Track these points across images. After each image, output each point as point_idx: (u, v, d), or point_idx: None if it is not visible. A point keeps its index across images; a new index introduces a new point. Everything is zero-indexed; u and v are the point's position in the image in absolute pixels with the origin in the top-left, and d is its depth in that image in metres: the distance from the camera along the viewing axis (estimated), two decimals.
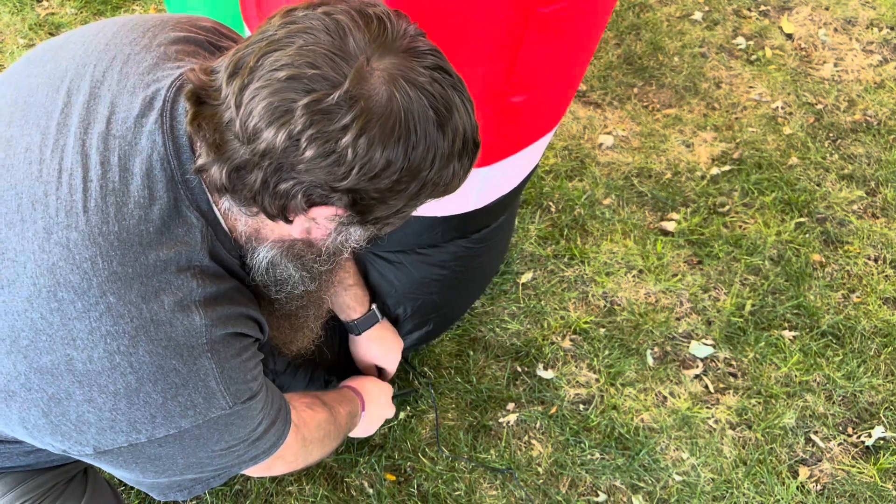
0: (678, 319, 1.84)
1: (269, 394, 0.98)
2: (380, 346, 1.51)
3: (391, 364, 1.55)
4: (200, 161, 0.78)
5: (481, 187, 1.38)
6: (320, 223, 0.83)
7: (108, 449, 0.84)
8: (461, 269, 1.56)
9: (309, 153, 0.71)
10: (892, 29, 2.64)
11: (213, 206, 0.84)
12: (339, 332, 1.54)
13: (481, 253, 1.58)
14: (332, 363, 1.57)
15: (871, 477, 1.60)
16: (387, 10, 0.77)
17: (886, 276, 1.95)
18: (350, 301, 1.46)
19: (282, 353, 1.21)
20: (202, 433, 0.86)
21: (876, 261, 1.99)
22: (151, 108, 0.83)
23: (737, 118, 2.33)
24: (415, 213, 1.41)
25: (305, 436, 1.12)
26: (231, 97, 0.73)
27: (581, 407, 1.69)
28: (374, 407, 1.42)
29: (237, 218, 0.85)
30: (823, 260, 1.97)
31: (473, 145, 0.81)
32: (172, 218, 0.81)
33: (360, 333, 1.49)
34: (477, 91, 1.17)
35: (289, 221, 0.81)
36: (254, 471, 1.06)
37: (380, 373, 1.56)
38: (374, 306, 1.49)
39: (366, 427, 1.42)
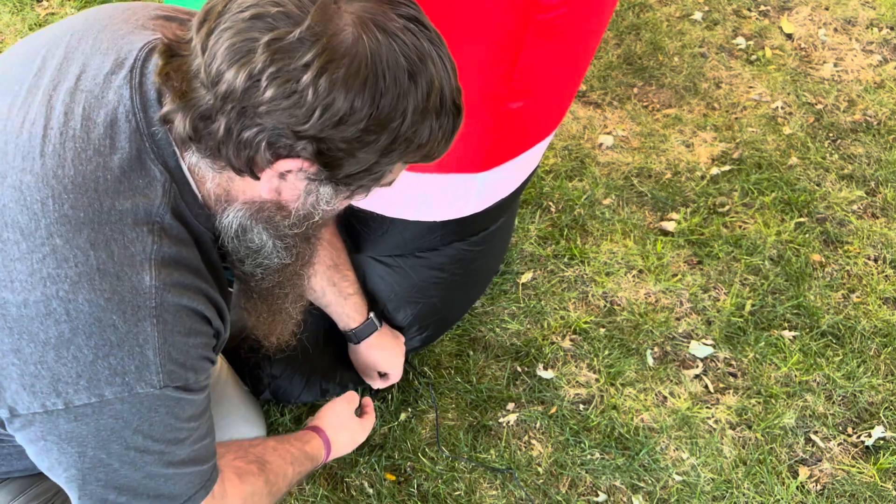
0: (678, 319, 1.84)
1: (208, 424, 0.91)
2: (380, 352, 1.51)
3: (395, 368, 1.55)
4: (165, 108, 0.76)
5: (480, 191, 1.38)
6: (289, 181, 0.80)
7: (22, 414, 0.79)
8: (460, 272, 1.56)
9: (269, 93, 0.69)
10: (891, 29, 2.64)
11: (181, 161, 0.81)
12: (334, 339, 1.54)
13: (480, 255, 1.58)
14: (328, 369, 1.57)
15: (871, 477, 1.60)
16: None
17: (886, 276, 1.95)
18: (349, 310, 1.45)
19: (265, 348, 1.18)
20: (122, 413, 0.79)
21: (876, 261, 1.99)
22: (122, 66, 0.81)
23: (737, 118, 2.33)
24: (411, 218, 1.41)
25: None
26: (198, 44, 0.72)
27: (581, 407, 1.69)
28: (340, 435, 1.34)
29: (205, 175, 0.81)
30: (823, 260, 1.98)
31: (453, 106, 0.78)
32: (133, 169, 0.78)
33: (359, 342, 1.48)
34: (476, 97, 1.17)
35: (256, 177, 0.78)
36: None
37: (382, 377, 1.57)
38: (372, 314, 1.48)
39: (340, 452, 1.35)
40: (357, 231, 1.46)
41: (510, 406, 1.69)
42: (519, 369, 1.74)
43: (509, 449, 1.62)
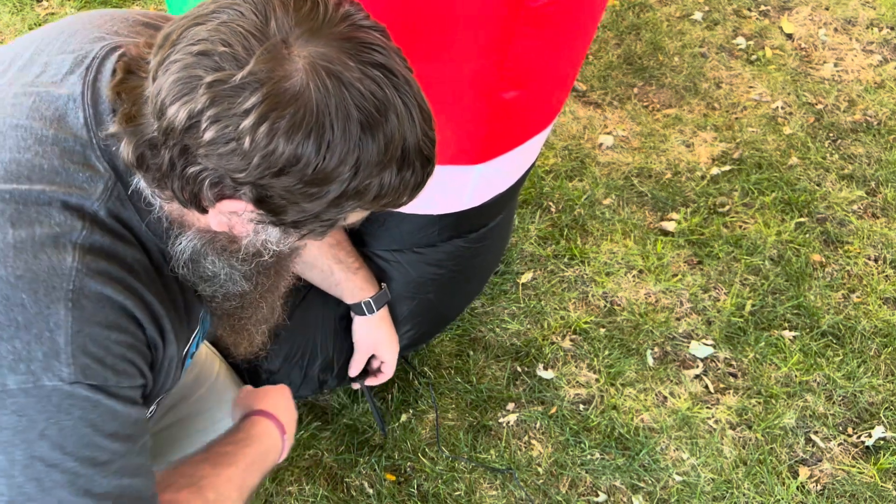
0: (678, 319, 1.84)
1: (142, 460, 0.80)
2: (388, 330, 1.50)
3: (393, 355, 1.54)
4: (112, 129, 0.72)
5: (476, 184, 1.37)
6: (239, 218, 0.75)
7: None
8: (458, 269, 1.56)
9: (208, 135, 0.65)
10: (892, 29, 2.64)
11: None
12: (333, 332, 1.54)
13: (478, 252, 1.58)
14: (327, 363, 1.57)
15: (872, 477, 1.60)
16: None
17: (886, 276, 1.95)
18: (360, 283, 1.43)
19: (232, 355, 1.15)
20: (27, 409, 0.70)
21: (876, 261, 1.99)
22: (80, 64, 0.79)
23: (737, 118, 2.33)
24: (408, 211, 1.41)
25: None
26: (152, 70, 0.68)
27: (581, 407, 1.69)
28: (290, 420, 1.16)
29: (153, 203, 0.77)
30: (823, 260, 1.97)
31: (418, 156, 0.72)
32: (75, 162, 0.75)
33: (375, 311, 1.46)
34: (468, 86, 1.16)
35: (203, 211, 0.74)
36: None
37: (376, 372, 1.56)
38: (383, 285, 1.48)
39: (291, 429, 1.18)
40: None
41: (510, 406, 1.69)
42: (519, 369, 1.74)
43: (509, 449, 1.62)
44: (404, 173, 0.72)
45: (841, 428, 1.68)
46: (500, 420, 1.66)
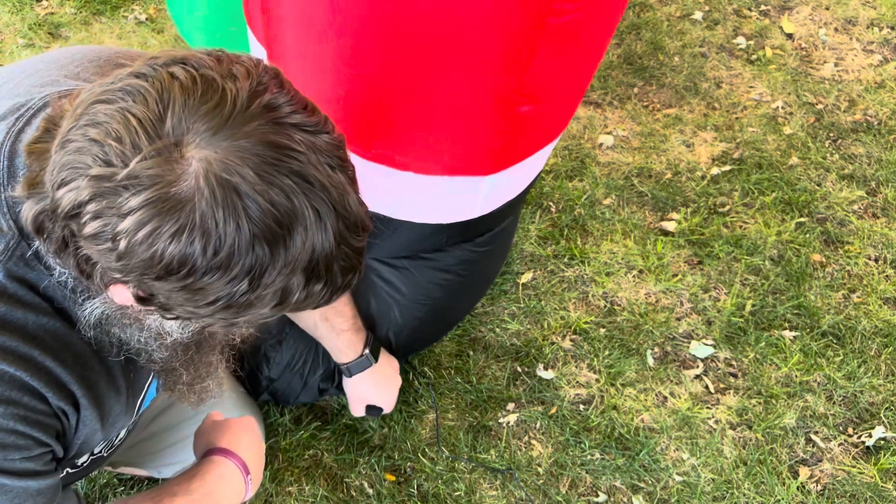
0: (678, 319, 1.84)
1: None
2: (372, 388, 1.50)
3: (387, 401, 1.54)
4: (16, 191, 0.68)
5: (488, 193, 1.38)
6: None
7: None
8: (466, 273, 1.56)
9: (88, 229, 0.62)
10: (892, 29, 2.64)
11: None
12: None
13: (485, 256, 1.59)
14: (328, 373, 1.57)
15: (872, 477, 1.60)
16: (254, 85, 0.63)
17: (887, 276, 1.95)
18: (341, 346, 1.42)
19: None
20: None
21: (876, 261, 1.99)
22: (15, 112, 0.76)
23: (737, 118, 2.32)
24: (418, 220, 1.41)
25: None
26: (57, 139, 0.64)
27: (581, 407, 1.69)
28: (255, 458, 1.12)
29: (55, 268, 0.74)
30: (824, 260, 1.97)
31: (330, 269, 0.66)
32: None
33: (351, 377, 1.47)
34: (486, 101, 1.16)
35: (101, 289, 0.71)
36: None
37: (374, 408, 1.55)
38: (367, 351, 1.45)
39: (257, 474, 1.14)
40: None
41: (510, 406, 1.68)
42: (519, 369, 1.74)
43: (509, 449, 1.62)
44: (312, 287, 0.66)
45: (841, 428, 1.68)
46: (500, 420, 1.66)
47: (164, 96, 0.61)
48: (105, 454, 1.04)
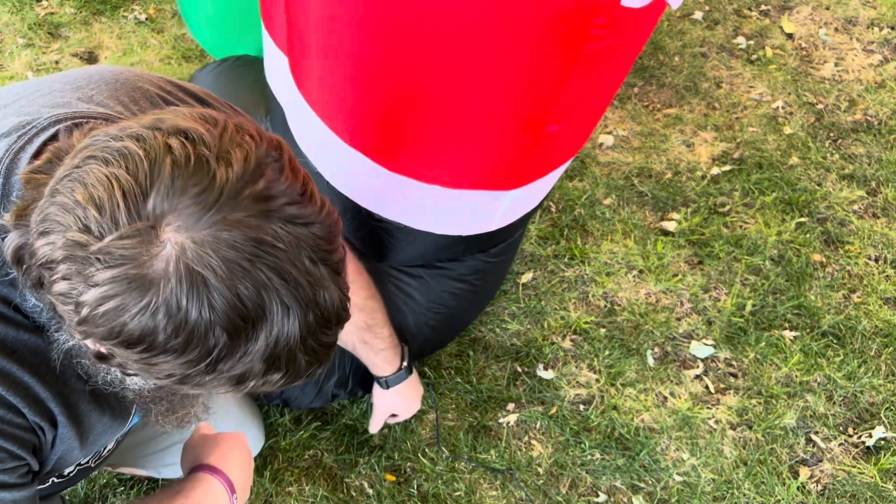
0: (678, 319, 1.84)
1: None
2: (404, 399, 1.53)
3: (413, 411, 1.57)
4: (4, 219, 0.68)
5: (507, 207, 1.39)
6: None
7: None
8: (478, 283, 1.58)
9: (57, 287, 0.62)
10: (892, 29, 2.64)
11: None
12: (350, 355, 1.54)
13: (497, 266, 1.62)
14: (342, 380, 1.58)
15: (872, 477, 1.60)
16: (249, 170, 0.61)
17: (887, 276, 1.95)
18: (380, 362, 1.45)
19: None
20: None
21: (877, 261, 1.98)
22: (19, 129, 0.75)
23: (737, 118, 2.32)
24: (437, 231, 1.42)
25: None
26: (53, 180, 0.63)
27: (581, 407, 1.69)
28: (243, 476, 1.10)
29: (30, 298, 0.74)
30: (824, 260, 1.97)
31: (293, 363, 0.66)
32: None
33: (388, 388, 1.49)
34: (516, 122, 1.18)
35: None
36: None
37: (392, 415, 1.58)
38: (404, 364, 1.47)
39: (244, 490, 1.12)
40: (382, 241, 1.47)
41: (510, 406, 1.68)
42: (519, 369, 1.74)
43: (509, 449, 1.62)
44: (271, 375, 0.66)
45: (841, 428, 1.68)
46: (500, 420, 1.66)
47: (153, 171, 0.60)
48: (93, 465, 1.04)
